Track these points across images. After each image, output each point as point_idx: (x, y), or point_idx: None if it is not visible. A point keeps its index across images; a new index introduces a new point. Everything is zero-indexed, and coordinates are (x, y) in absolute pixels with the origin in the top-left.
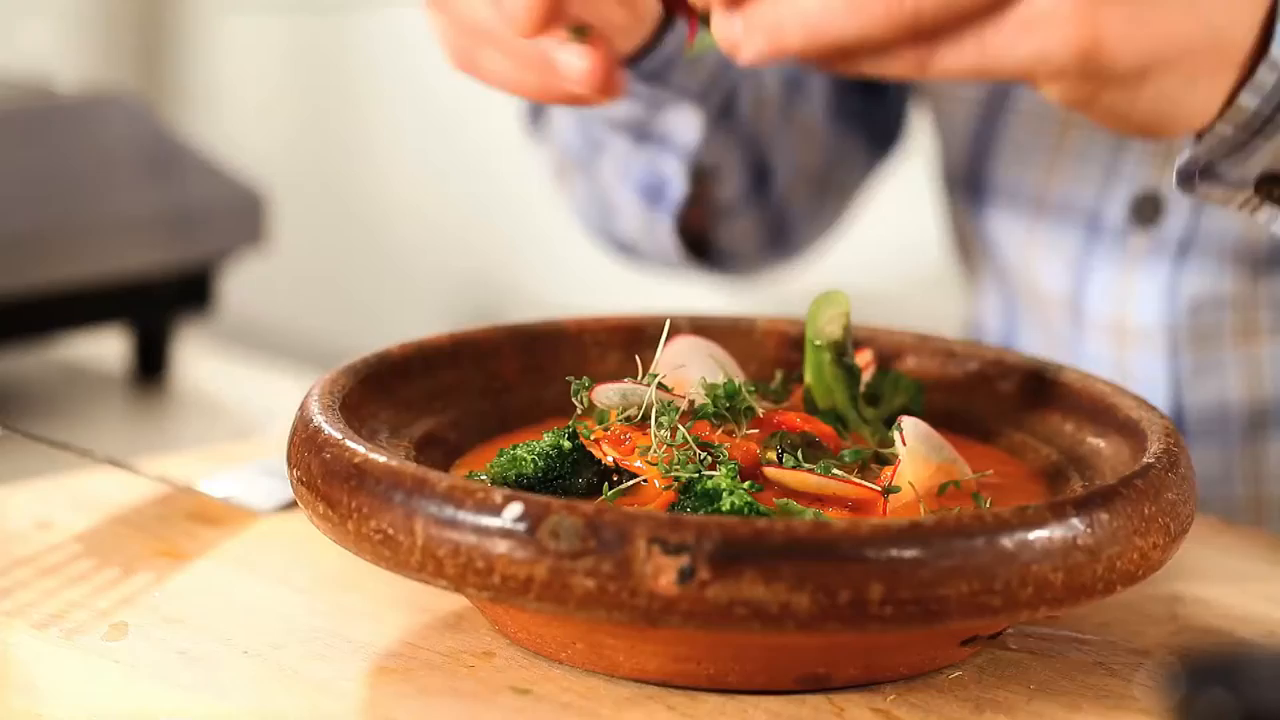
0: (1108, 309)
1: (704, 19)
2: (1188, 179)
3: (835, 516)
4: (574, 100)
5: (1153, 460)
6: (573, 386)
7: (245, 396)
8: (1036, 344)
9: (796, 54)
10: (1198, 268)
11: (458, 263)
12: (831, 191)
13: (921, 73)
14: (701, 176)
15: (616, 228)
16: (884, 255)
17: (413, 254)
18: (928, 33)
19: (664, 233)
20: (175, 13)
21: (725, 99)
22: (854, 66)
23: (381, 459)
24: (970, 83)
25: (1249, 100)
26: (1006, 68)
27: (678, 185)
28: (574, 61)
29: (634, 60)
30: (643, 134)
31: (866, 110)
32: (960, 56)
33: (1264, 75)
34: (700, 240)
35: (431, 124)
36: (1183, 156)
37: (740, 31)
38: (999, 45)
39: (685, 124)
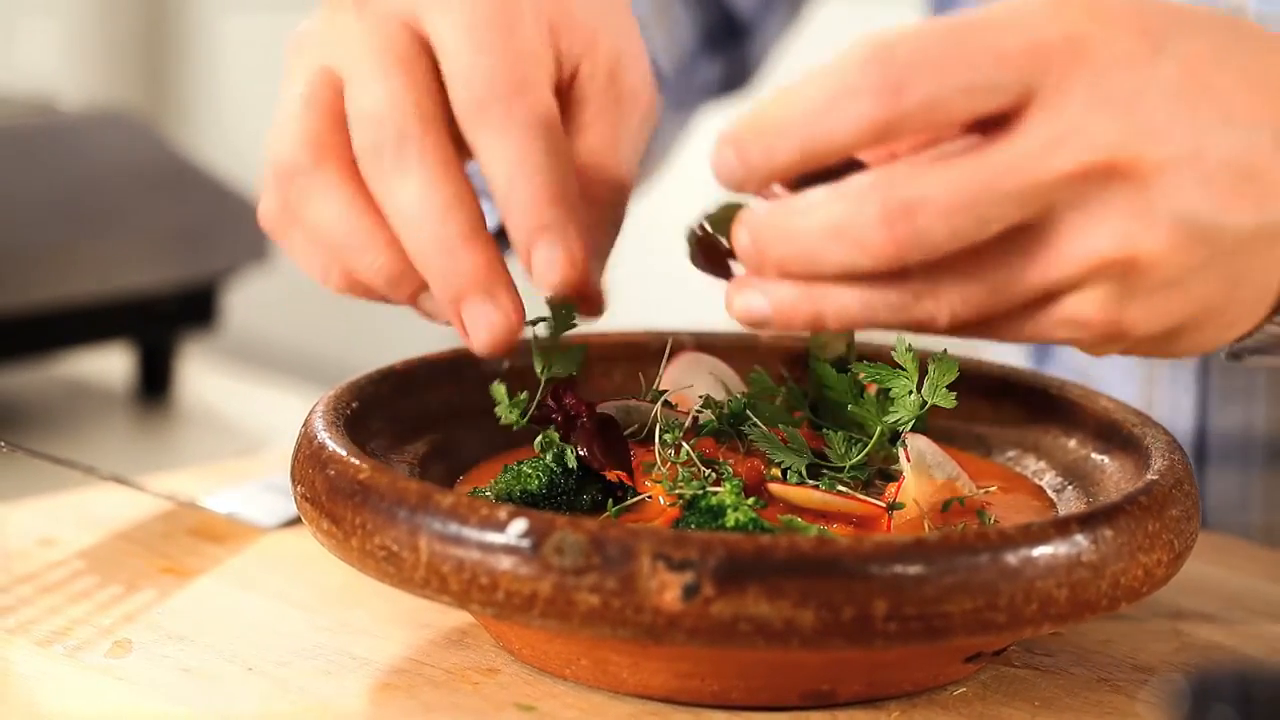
0: None
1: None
2: (1235, 357)
3: (840, 533)
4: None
5: (1156, 477)
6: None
7: (249, 413)
8: (1076, 354)
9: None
10: None
11: None
12: (654, 168)
13: (974, 337)
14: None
15: None
16: None
17: None
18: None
19: None
20: (178, 31)
21: None
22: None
23: (385, 475)
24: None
25: (1276, 328)
26: (1041, 342)
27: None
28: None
29: None
30: None
31: None
32: (999, 336)
33: None
34: None
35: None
36: (1224, 349)
37: (768, 311)
38: (1032, 331)
39: None
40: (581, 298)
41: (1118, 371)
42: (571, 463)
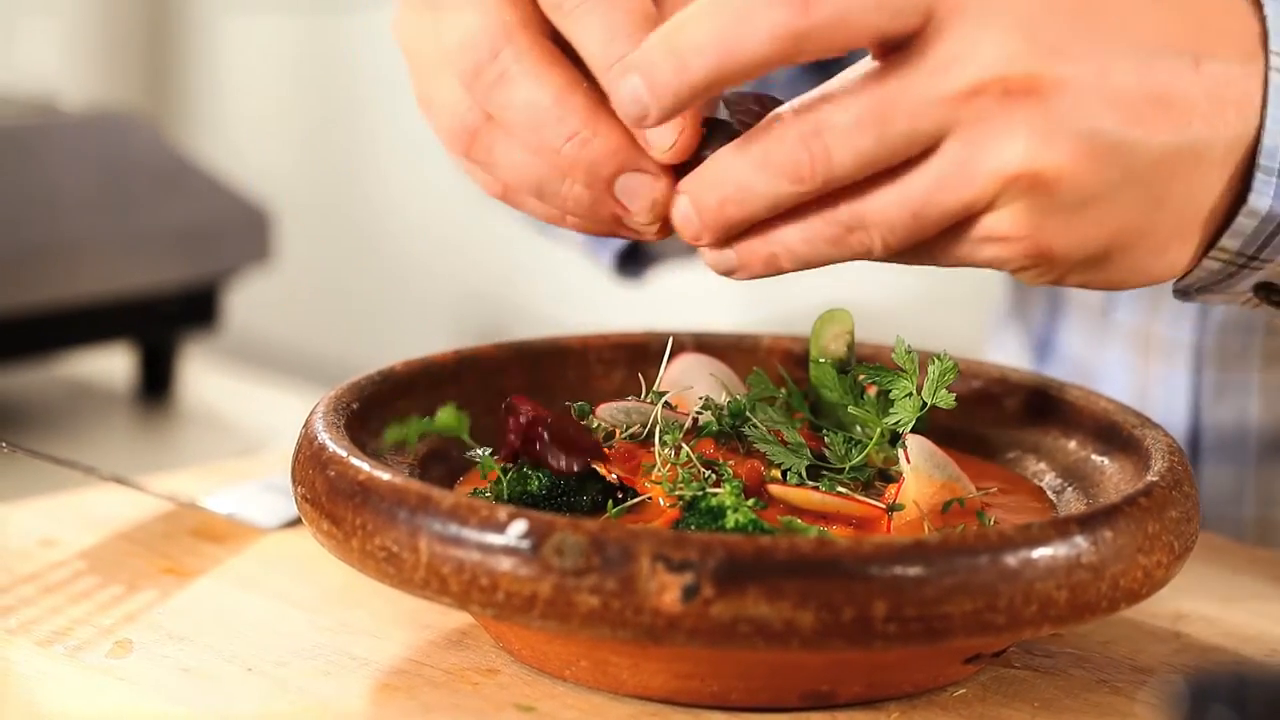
0: (1135, 319)
1: None
2: (1183, 294)
3: (839, 534)
4: (624, 234)
5: (1156, 478)
6: (574, 410)
7: (250, 413)
8: (1074, 345)
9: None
10: None
11: (463, 280)
12: None
13: (913, 263)
14: None
15: (551, 232)
16: (888, 273)
17: (418, 271)
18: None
19: (604, 265)
20: (180, 31)
21: None
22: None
23: (386, 476)
24: None
25: (1230, 242)
26: (971, 265)
27: (618, 241)
28: (642, 204)
29: None
30: None
31: None
32: (933, 260)
33: (1243, 222)
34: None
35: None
36: (1173, 282)
37: (735, 260)
38: (960, 252)
39: None
40: None
41: (1113, 367)
42: (537, 485)
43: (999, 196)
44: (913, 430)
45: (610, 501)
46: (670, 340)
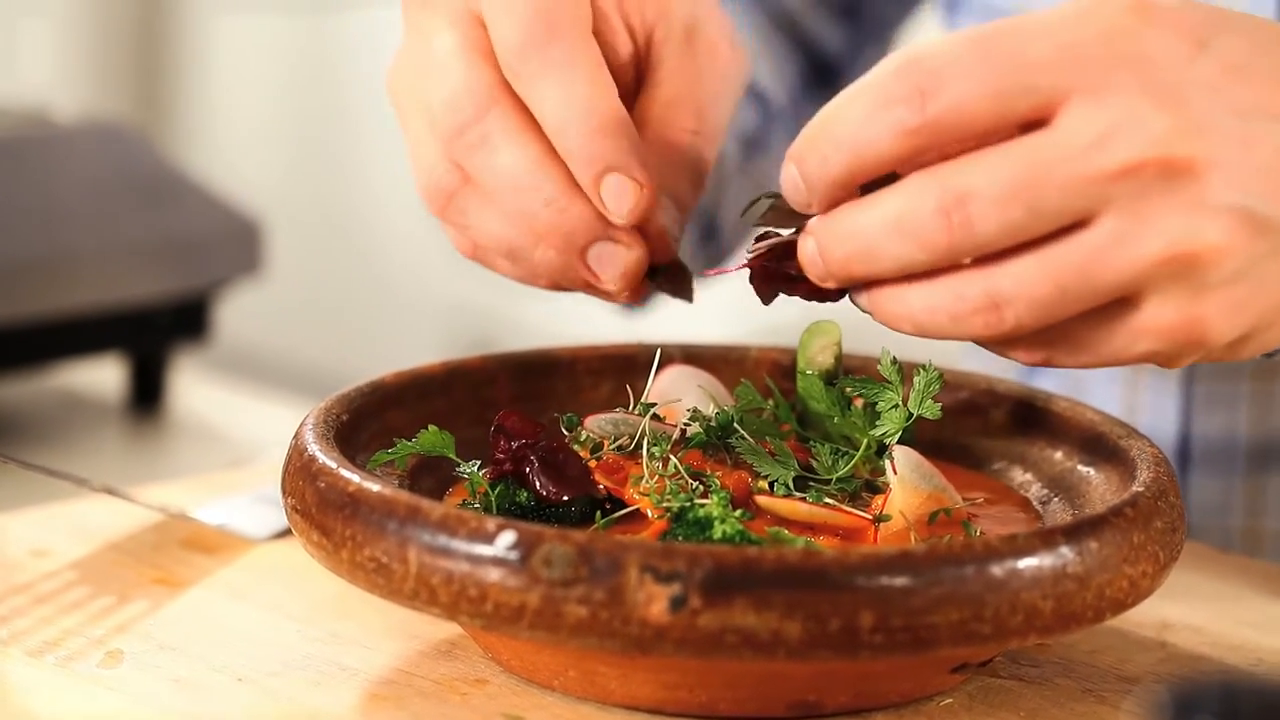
0: None
1: None
2: (1269, 355)
3: (826, 545)
4: (594, 294)
5: (1142, 489)
6: (562, 422)
7: (241, 425)
8: None
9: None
10: None
11: (454, 291)
12: None
13: (1047, 364)
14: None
15: None
16: None
17: (409, 282)
18: (1038, 337)
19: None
20: (171, 43)
21: None
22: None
23: (375, 487)
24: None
25: None
26: (1125, 363)
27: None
28: (613, 272)
29: None
30: None
31: None
32: (1077, 357)
33: None
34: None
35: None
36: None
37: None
38: (1112, 349)
39: None
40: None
41: (1102, 377)
42: (525, 496)
43: (1152, 280)
44: (899, 441)
45: (598, 513)
46: (658, 352)
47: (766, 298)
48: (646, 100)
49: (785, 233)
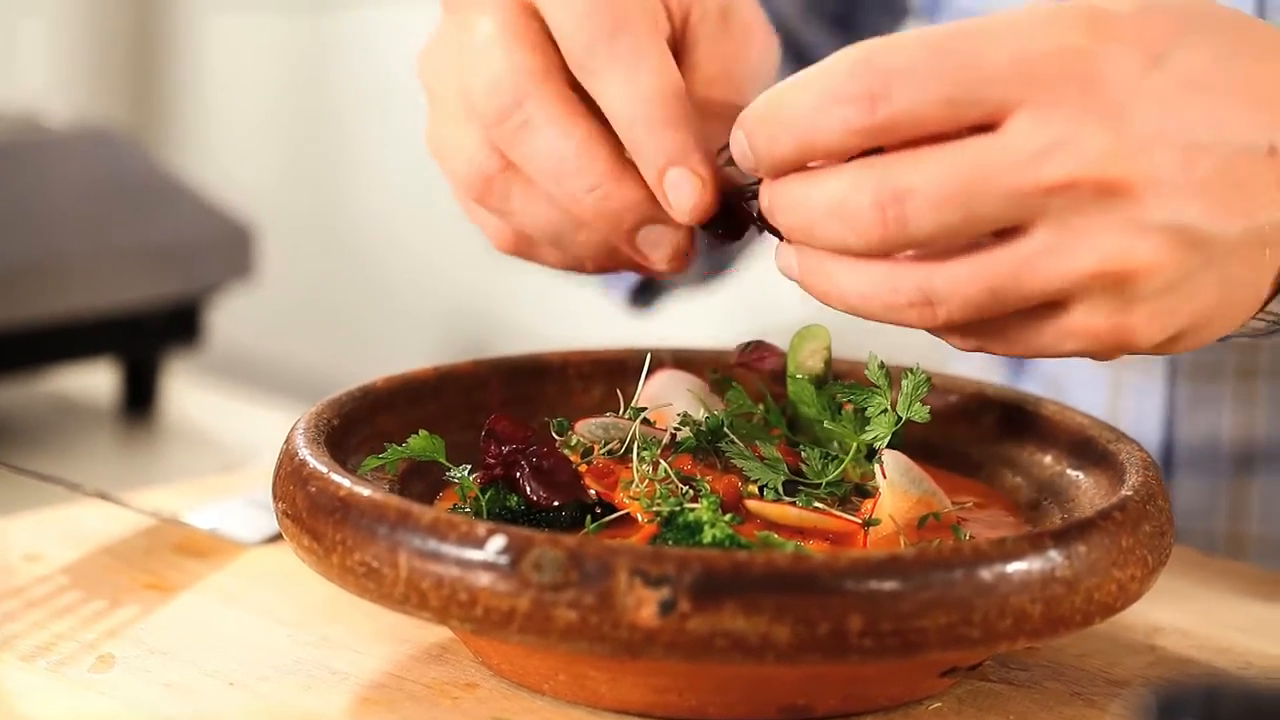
0: None
1: None
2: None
3: (816, 549)
4: (641, 271)
5: (1130, 493)
6: (553, 426)
7: (233, 429)
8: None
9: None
10: None
11: (446, 296)
12: None
13: (981, 351)
14: None
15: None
16: None
17: (401, 287)
18: (972, 328)
19: (617, 300)
20: (164, 48)
21: None
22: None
23: (366, 492)
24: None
25: (1277, 307)
26: (1055, 356)
27: (631, 276)
28: (663, 253)
29: None
30: None
31: None
32: (1009, 348)
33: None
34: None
35: (420, 157)
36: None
37: (797, 270)
38: (1042, 344)
39: None
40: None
41: (1085, 380)
42: (516, 500)
43: (1086, 290)
44: (889, 445)
45: (589, 517)
46: (648, 356)
47: (724, 233)
48: (686, 78)
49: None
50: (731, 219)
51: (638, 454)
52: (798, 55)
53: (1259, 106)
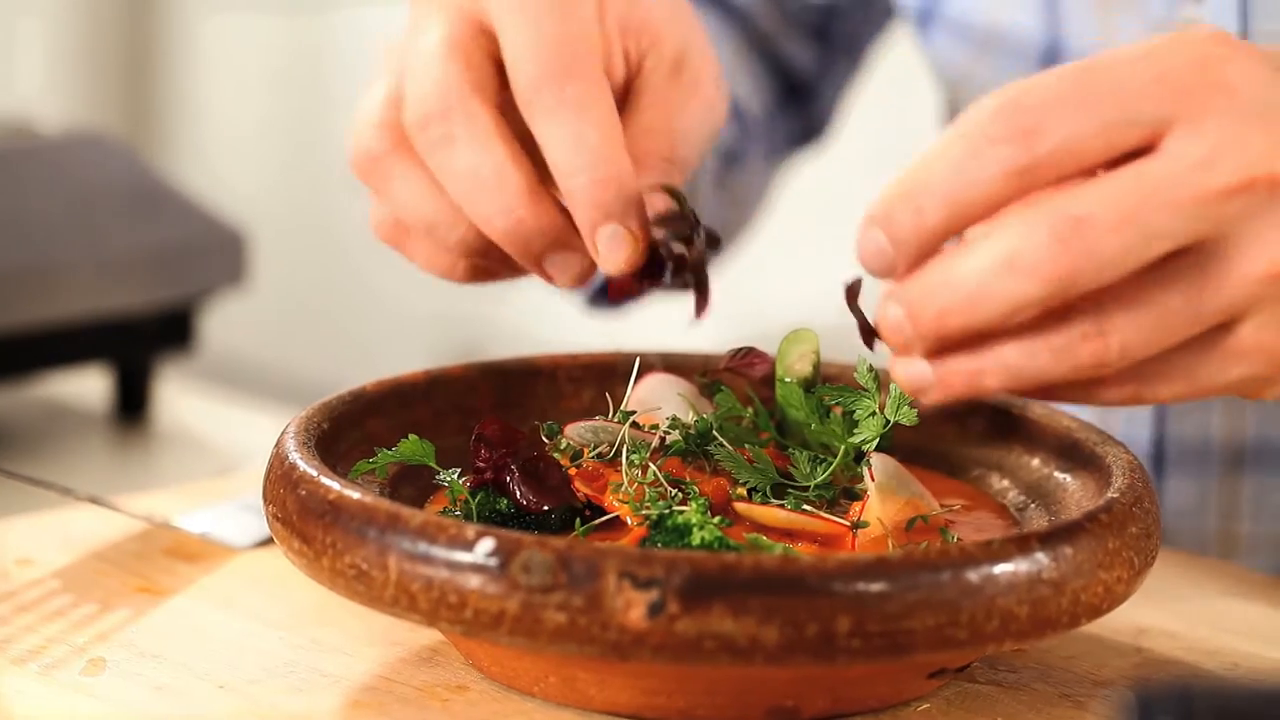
0: None
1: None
2: None
3: (804, 551)
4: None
5: (1117, 495)
6: (543, 429)
7: (225, 434)
8: None
9: (993, 392)
10: None
11: (437, 300)
12: (745, 227)
13: (1133, 402)
14: None
15: None
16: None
17: (393, 292)
18: (1134, 370)
19: (582, 297)
20: (157, 54)
21: None
22: (1060, 398)
23: (355, 495)
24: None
25: None
26: (1216, 390)
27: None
28: (567, 276)
29: None
30: None
31: (804, 140)
32: (1170, 386)
33: None
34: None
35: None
36: None
37: (931, 376)
38: (1208, 374)
39: None
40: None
41: None
42: (505, 503)
43: (1256, 300)
44: (877, 448)
45: (578, 520)
46: (638, 360)
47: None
48: (626, 123)
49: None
50: (651, 267)
51: (627, 457)
52: (777, 68)
53: None
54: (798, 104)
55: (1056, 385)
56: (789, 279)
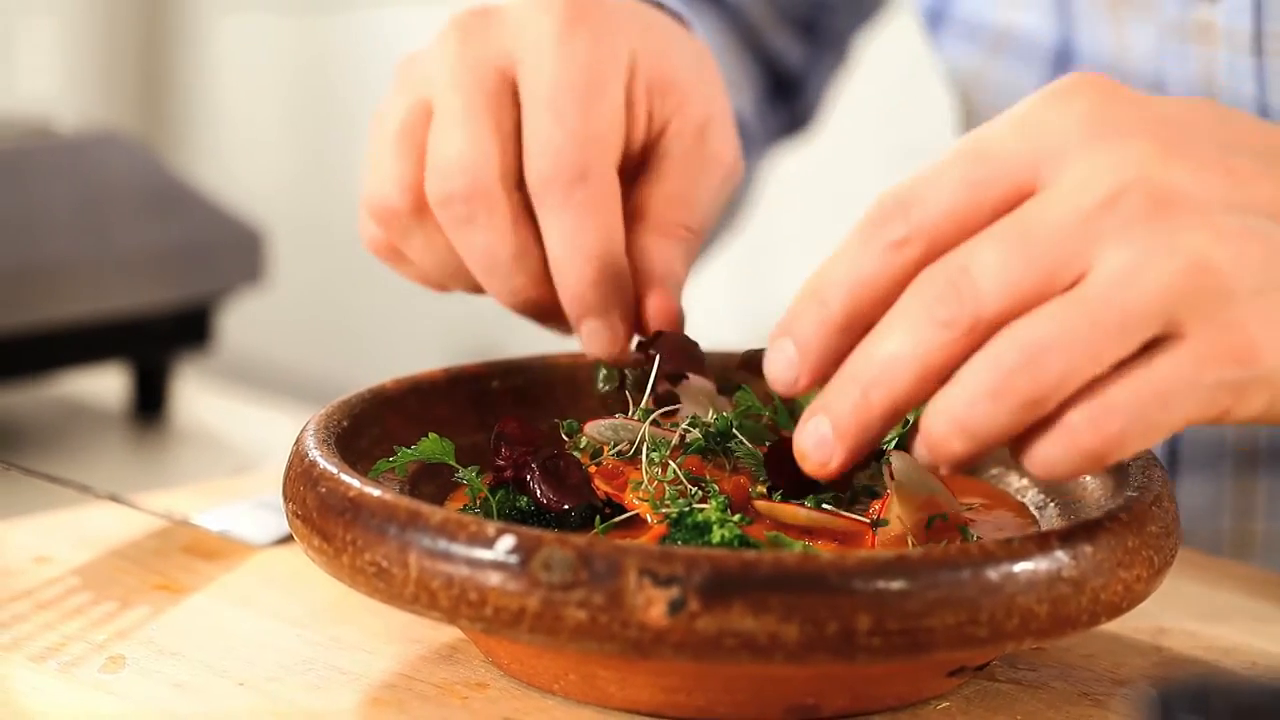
0: None
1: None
2: None
3: (824, 549)
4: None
5: (1136, 494)
6: (562, 427)
7: (243, 432)
8: None
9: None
10: None
11: (455, 299)
12: (732, 221)
13: (1118, 449)
14: None
15: None
16: None
17: (410, 291)
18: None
19: None
20: (174, 53)
21: None
22: (1033, 459)
23: (376, 493)
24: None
25: None
26: (1193, 421)
27: None
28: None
29: None
30: None
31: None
32: (1146, 426)
33: None
34: None
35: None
36: None
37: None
38: (1169, 405)
39: None
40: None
41: None
42: (525, 501)
43: (1179, 306)
44: (896, 447)
45: (598, 517)
46: (657, 359)
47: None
48: (649, 188)
49: None
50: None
51: (647, 455)
52: (765, 61)
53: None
54: (785, 97)
55: (1001, 434)
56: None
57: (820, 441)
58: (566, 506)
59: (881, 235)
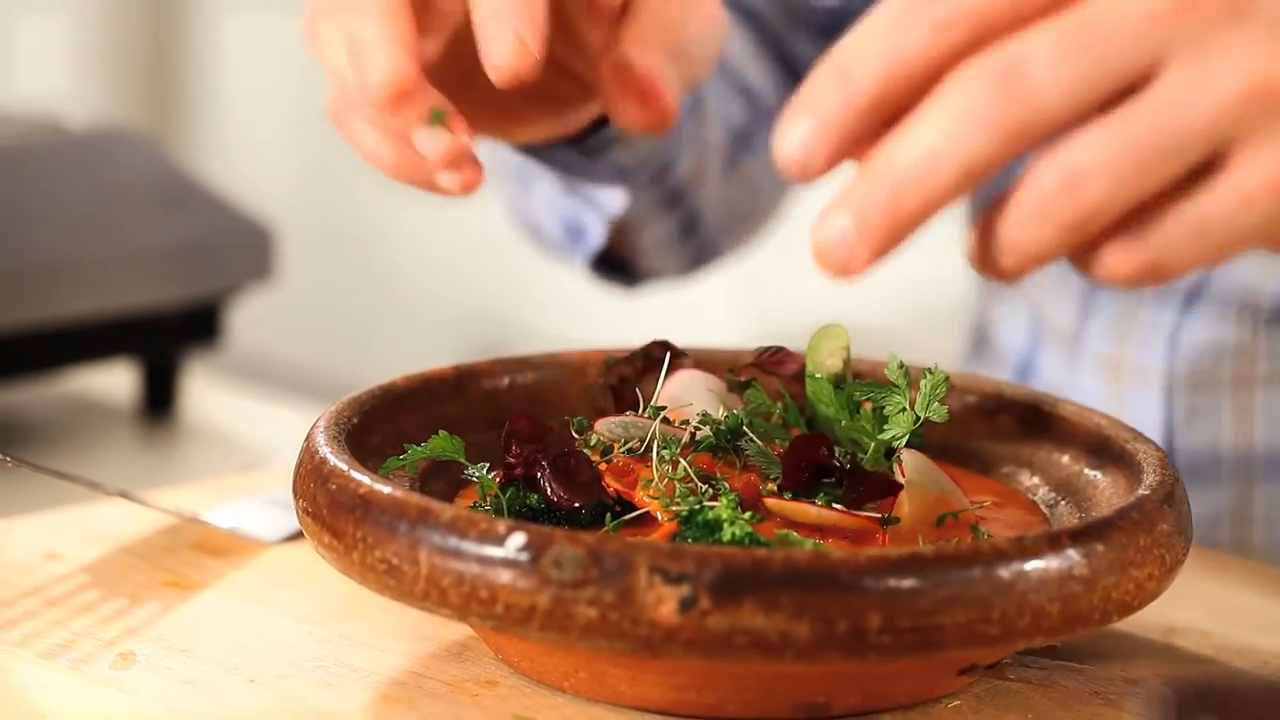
0: (1106, 347)
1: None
2: None
3: (835, 547)
4: (431, 188)
5: (1148, 492)
6: (573, 425)
7: (252, 429)
8: (1053, 371)
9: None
10: (1202, 316)
11: (464, 297)
12: (763, 218)
13: (1153, 276)
14: (624, 228)
15: (542, 238)
16: (884, 290)
17: (419, 288)
18: (1135, 231)
19: (582, 265)
20: (182, 50)
21: (661, 169)
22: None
23: (386, 490)
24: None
25: None
26: (1236, 245)
27: (596, 236)
28: (428, 147)
29: (571, 138)
30: (569, 187)
31: None
32: (1183, 250)
33: None
34: (621, 263)
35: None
36: None
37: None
38: (1218, 225)
39: (610, 195)
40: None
41: (1088, 392)
42: (536, 498)
43: (1237, 124)
44: (907, 445)
45: (608, 515)
46: (667, 356)
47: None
48: (629, 25)
49: None
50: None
51: (657, 453)
52: (787, 67)
53: None
54: (691, 239)
55: (1049, 254)
56: (816, 277)
57: (842, 238)
58: (577, 504)
59: (923, 13)
